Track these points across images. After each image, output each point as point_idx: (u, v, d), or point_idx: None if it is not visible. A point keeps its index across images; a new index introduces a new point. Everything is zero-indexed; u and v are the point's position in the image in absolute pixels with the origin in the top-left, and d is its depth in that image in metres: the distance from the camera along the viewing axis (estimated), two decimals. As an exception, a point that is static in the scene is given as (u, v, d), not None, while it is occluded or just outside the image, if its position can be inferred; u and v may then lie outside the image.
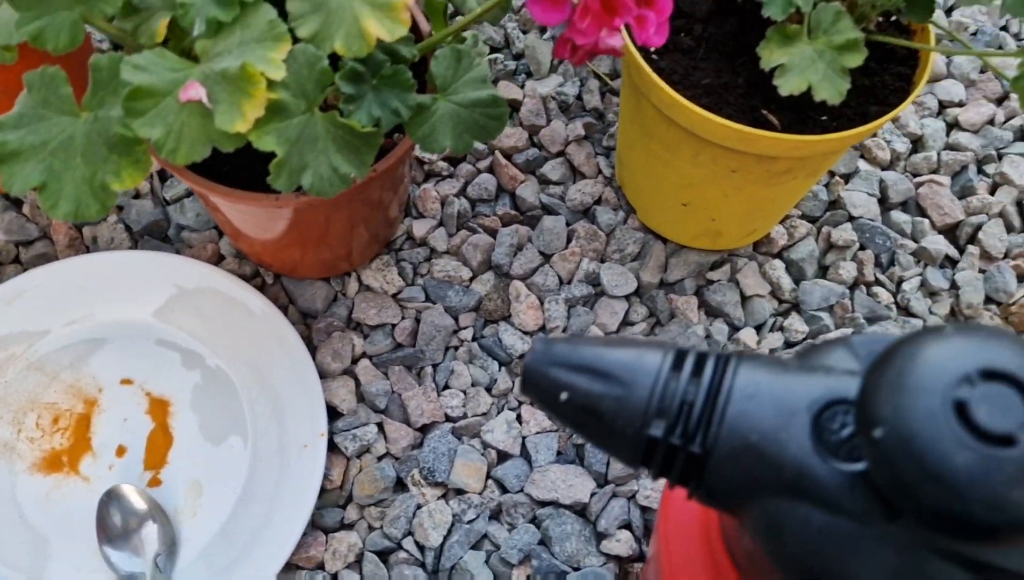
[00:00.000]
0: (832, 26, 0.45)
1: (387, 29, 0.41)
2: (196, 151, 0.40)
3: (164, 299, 0.60)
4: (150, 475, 0.56)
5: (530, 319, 0.63)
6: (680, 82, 0.51)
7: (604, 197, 0.67)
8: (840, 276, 0.65)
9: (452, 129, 0.45)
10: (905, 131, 0.71)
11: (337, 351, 0.61)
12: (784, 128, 0.50)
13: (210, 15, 0.40)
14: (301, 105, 0.41)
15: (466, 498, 0.58)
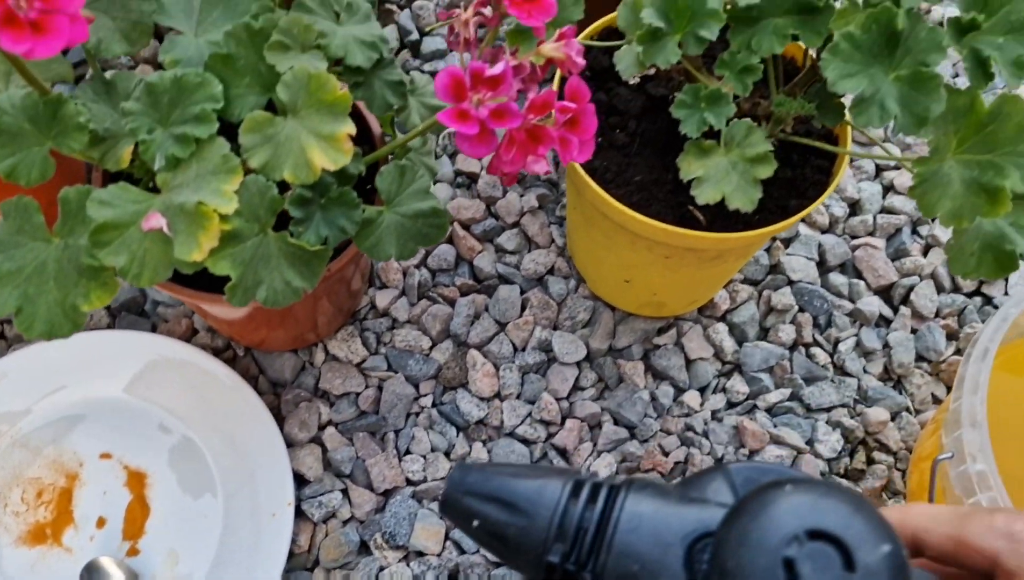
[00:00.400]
0: (744, 140, 0.49)
1: (331, 159, 0.45)
2: (159, 274, 0.44)
3: (140, 375, 0.64)
4: (129, 545, 0.60)
5: (486, 386, 0.67)
6: (613, 180, 0.55)
7: (556, 266, 0.71)
8: (780, 338, 0.69)
9: (397, 239, 0.49)
10: (843, 195, 0.75)
11: (304, 421, 0.65)
12: (709, 223, 0.54)
13: (168, 152, 0.43)
14: (254, 228, 0.45)
15: (426, 560, 0.62)
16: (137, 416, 0.63)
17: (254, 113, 0.44)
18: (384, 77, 0.49)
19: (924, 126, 0.46)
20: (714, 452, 0.65)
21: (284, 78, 0.45)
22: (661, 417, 0.66)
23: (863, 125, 0.46)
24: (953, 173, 0.47)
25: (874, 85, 0.46)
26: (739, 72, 0.49)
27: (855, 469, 0.66)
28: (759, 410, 0.67)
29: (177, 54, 0.47)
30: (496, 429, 0.66)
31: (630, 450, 0.65)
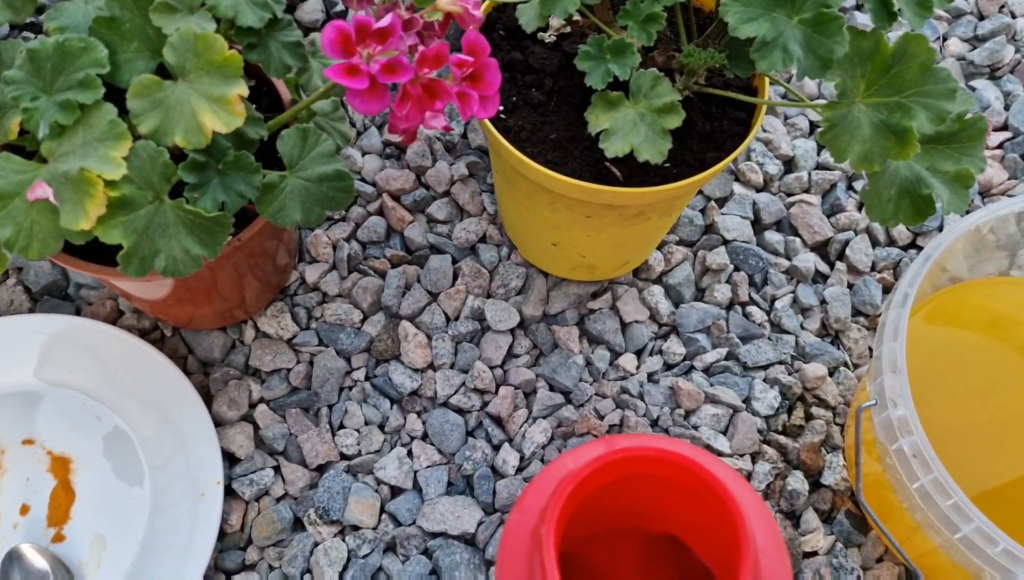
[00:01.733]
0: (651, 90, 0.48)
1: (223, 121, 0.43)
2: (48, 246, 0.43)
3: (62, 359, 0.63)
4: (54, 532, 0.59)
5: (419, 357, 0.66)
6: (528, 139, 0.54)
7: (488, 234, 0.70)
8: (716, 298, 0.69)
9: (301, 203, 0.48)
10: (777, 153, 0.75)
11: (234, 399, 0.64)
12: (626, 179, 0.53)
13: (52, 119, 0.42)
14: (148, 196, 0.44)
15: (361, 534, 0.61)
16: (60, 400, 0.62)
17: (141, 77, 0.43)
18: (280, 38, 0.48)
19: (829, 69, 0.45)
20: (649, 414, 0.65)
21: (170, 40, 0.43)
22: (596, 381, 0.66)
23: (766, 70, 0.45)
24: (862, 116, 0.47)
25: (776, 28, 0.45)
26: (642, 21, 0.48)
27: (793, 425, 0.65)
28: (696, 370, 0.67)
29: (63, 21, 0.46)
30: (430, 400, 0.65)
31: (565, 415, 0.64)
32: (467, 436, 0.64)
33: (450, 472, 0.63)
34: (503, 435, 0.64)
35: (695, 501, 0.43)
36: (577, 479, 0.37)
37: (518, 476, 0.62)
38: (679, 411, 0.65)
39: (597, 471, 0.38)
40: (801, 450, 0.64)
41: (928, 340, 0.58)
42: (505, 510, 0.62)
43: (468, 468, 0.63)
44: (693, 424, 0.64)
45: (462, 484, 0.63)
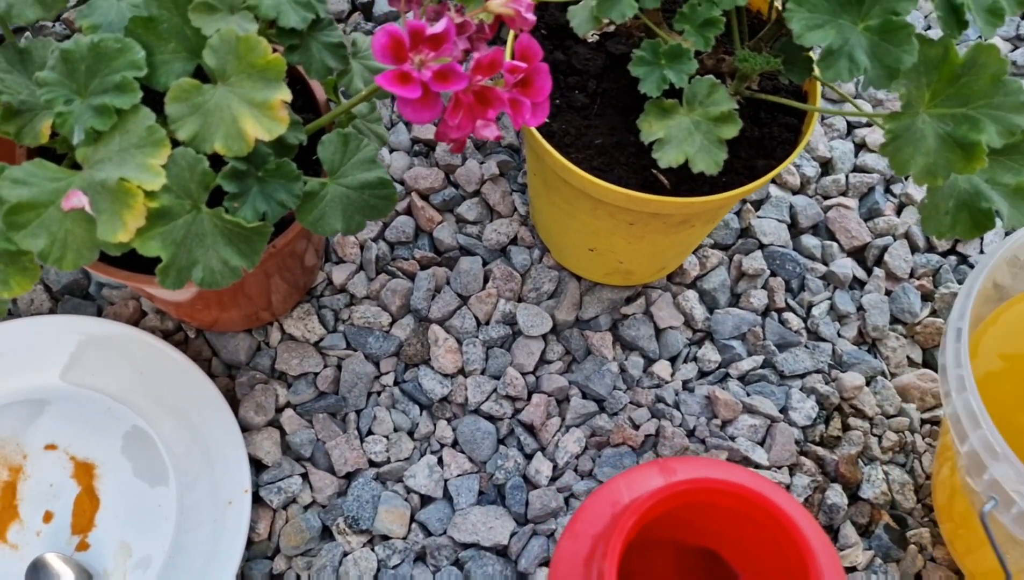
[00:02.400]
0: (708, 98, 0.46)
1: (265, 128, 0.42)
2: (83, 257, 0.41)
3: (82, 361, 0.61)
4: (78, 539, 0.58)
5: (449, 362, 0.64)
6: (572, 144, 0.53)
7: (519, 236, 0.68)
8: (752, 304, 0.67)
9: (342, 212, 0.46)
10: (815, 154, 0.73)
11: (260, 404, 0.62)
12: (674, 187, 0.52)
13: (88, 124, 0.40)
14: (186, 205, 0.42)
15: (391, 543, 0.60)
16: (83, 404, 0.61)
17: (180, 81, 0.41)
18: (322, 39, 0.46)
19: (895, 79, 0.44)
20: (685, 424, 0.63)
21: (211, 42, 0.41)
22: (631, 389, 0.64)
23: (832, 79, 0.43)
24: (926, 128, 0.45)
25: (842, 36, 0.43)
26: (700, 26, 0.46)
27: (831, 436, 0.64)
28: (731, 378, 0.65)
29: (96, 19, 0.44)
30: (461, 406, 0.64)
31: (599, 424, 0.63)
32: (499, 444, 0.63)
33: (481, 481, 0.62)
34: (536, 444, 0.63)
35: (751, 526, 0.42)
36: (639, 511, 0.36)
37: (551, 487, 0.61)
38: (715, 422, 0.63)
39: (660, 502, 0.36)
40: (840, 462, 0.63)
41: (1002, 356, 0.54)
42: (538, 521, 0.60)
43: (500, 477, 0.61)
44: (730, 435, 0.63)
45: (494, 493, 0.62)
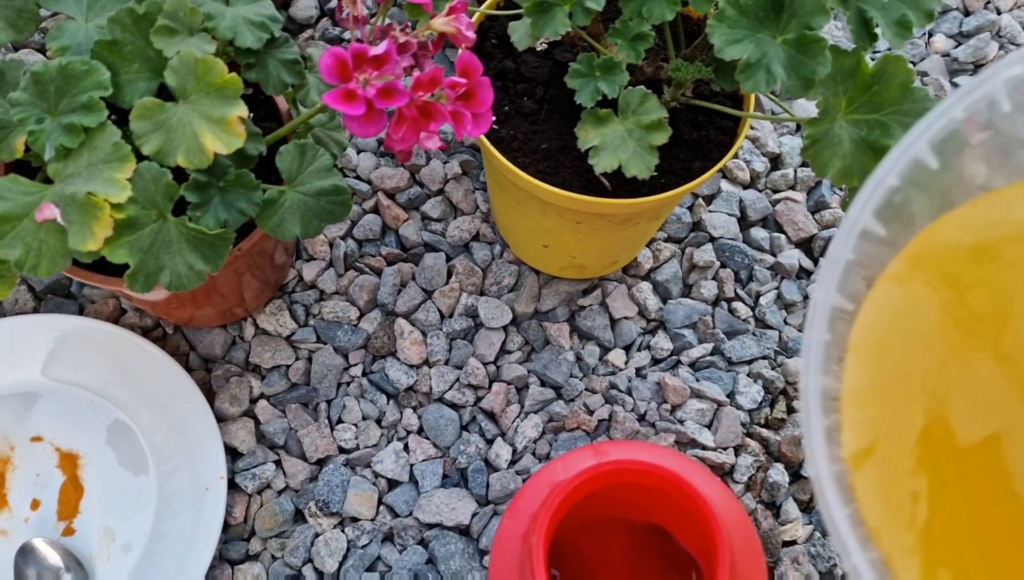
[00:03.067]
0: (640, 107, 0.50)
1: (224, 142, 0.45)
2: (57, 265, 0.44)
3: (68, 358, 0.64)
4: (64, 525, 0.61)
5: (414, 354, 0.68)
6: (520, 149, 0.56)
7: (481, 233, 0.71)
8: (702, 294, 0.71)
9: (300, 217, 0.49)
10: (764, 150, 0.76)
11: (235, 395, 0.66)
12: (616, 188, 0.55)
13: (58, 142, 0.43)
14: (152, 215, 0.45)
15: (360, 525, 0.64)
16: (66, 398, 0.64)
17: (144, 100, 0.44)
18: (278, 56, 0.49)
19: (811, 88, 0.47)
20: (637, 409, 0.67)
21: (171, 63, 0.45)
22: (586, 376, 0.68)
23: (751, 90, 0.46)
24: (843, 133, 0.48)
25: (761, 50, 0.46)
26: (631, 40, 0.49)
27: (775, 418, 0.68)
28: (683, 365, 0.69)
29: (65, 41, 0.47)
30: (426, 395, 0.67)
31: (556, 410, 0.66)
32: (461, 430, 0.66)
33: (445, 465, 0.65)
34: (496, 429, 0.66)
35: (677, 504, 0.46)
36: (566, 491, 0.39)
37: (511, 470, 0.65)
38: (666, 406, 0.67)
39: (585, 482, 0.40)
40: (782, 443, 0.66)
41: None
42: (498, 502, 0.64)
43: (462, 462, 0.65)
44: (679, 418, 0.67)
45: (457, 477, 0.65)
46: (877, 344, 0.31)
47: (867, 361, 0.30)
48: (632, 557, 0.60)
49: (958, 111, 0.30)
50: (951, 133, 0.30)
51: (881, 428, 0.30)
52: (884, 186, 0.30)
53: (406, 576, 0.62)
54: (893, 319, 0.31)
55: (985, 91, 0.30)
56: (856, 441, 0.29)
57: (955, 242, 0.32)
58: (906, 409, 0.30)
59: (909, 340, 0.31)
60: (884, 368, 0.31)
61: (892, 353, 0.31)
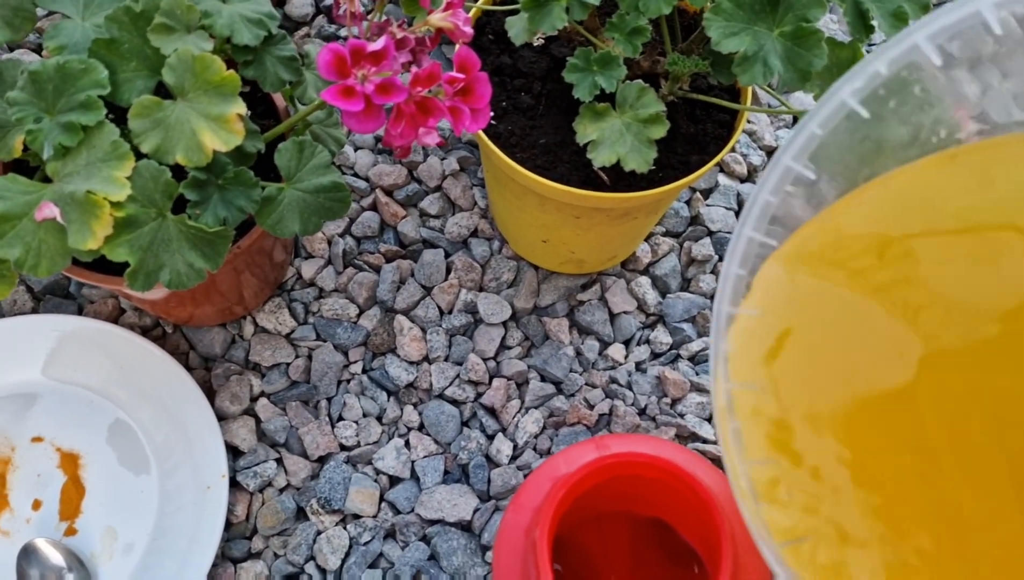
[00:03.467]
0: (637, 101, 0.50)
1: (222, 140, 0.45)
2: (56, 264, 0.44)
3: (68, 358, 0.64)
4: (66, 525, 0.61)
5: (414, 350, 0.68)
6: (518, 144, 0.56)
7: (479, 229, 0.71)
8: (701, 288, 0.71)
9: (299, 215, 0.49)
10: (761, 144, 0.76)
11: (236, 394, 0.66)
12: (614, 182, 0.55)
13: (56, 141, 0.43)
14: (151, 213, 0.45)
15: (361, 522, 0.64)
16: (66, 398, 0.64)
17: (142, 98, 0.44)
18: (275, 53, 0.49)
19: (808, 81, 0.47)
20: (637, 403, 0.67)
21: (169, 61, 0.44)
22: (586, 371, 0.68)
23: (748, 83, 0.47)
24: (840, 125, 0.48)
25: (757, 42, 0.46)
26: (628, 34, 0.49)
27: (775, 411, 0.68)
28: (682, 359, 0.69)
29: (62, 40, 0.47)
30: (426, 391, 0.67)
31: (556, 405, 0.67)
32: (462, 426, 0.66)
33: (446, 461, 0.66)
34: (497, 425, 0.66)
35: (679, 496, 0.46)
36: (568, 484, 0.40)
37: (512, 465, 0.65)
38: (666, 400, 0.67)
39: (587, 476, 0.40)
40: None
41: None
42: (500, 497, 0.64)
43: (464, 457, 0.65)
44: (679, 412, 0.67)
45: (458, 473, 0.65)
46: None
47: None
48: (634, 550, 0.60)
49: (881, 66, 0.30)
50: (873, 90, 0.30)
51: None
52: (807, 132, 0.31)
53: (408, 572, 0.62)
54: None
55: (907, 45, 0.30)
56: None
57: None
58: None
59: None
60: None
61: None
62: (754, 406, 0.32)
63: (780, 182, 0.31)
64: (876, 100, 0.31)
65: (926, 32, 0.29)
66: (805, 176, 0.31)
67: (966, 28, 0.28)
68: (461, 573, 0.62)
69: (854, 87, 0.30)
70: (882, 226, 0.32)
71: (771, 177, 0.32)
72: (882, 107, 0.31)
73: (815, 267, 0.33)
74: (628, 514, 0.60)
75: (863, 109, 0.30)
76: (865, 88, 0.30)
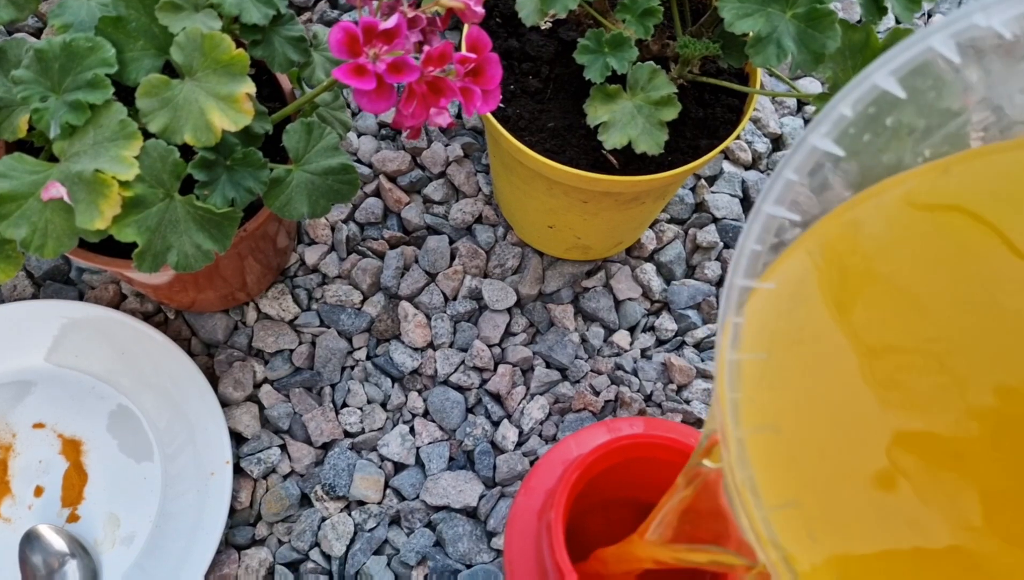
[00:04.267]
0: (649, 83, 0.49)
1: (231, 120, 0.44)
2: (63, 244, 0.44)
3: (70, 344, 0.64)
4: (68, 512, 0.61)
5: (419, 337, 0.67)
6: (527, 128, 0.56)
7: (484, 215, 0.71)
8: (706, 275, 0.71)
9: (308, 197, 0.49)
10: (766, 131, 0.76)
11: (239, 380, 0.66)
12: (623, 166, 0.55)
13: (63, 120, 0.43)
14: (159, 193, 0.45)
15: (366, 508, 0.63)
16: (68, 384, 0.63)
17: (150, 77, 0.44)
18: (284, 33, 0.49)
19: (821, 63, 0.47)
20: (643, 389, 0.67)
21: (177, 39, 0.44)
22: (591, 358, 0.68)
23: (761, 64, 0.46)
24: (852, 108, 0.48)
25: (771, 24, 0.46)
26: (640, 15, 0.49)
27: (780, 398, 0.68)
28: (687, 346, 0.69)
29: (67, 18, 0.46)
30: (431, 378, 0.67)
31: (562, 391, 0.66)
32: (467, 413, 0.66)
33: (451, 448, 0.65)
34: (502, 411, 0.66)
35: (691, 480, 0.46)
36: (583, 465, 0.39)
37: (517, 451, 0.65)
38: (671, 386, 0.67)
39: (602, 456, 0.40)
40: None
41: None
42: (505, 484, 0.64)
43: (469, 444, 0.65)
44: (685, 399, 0.67)
45: (463, 459, 0.65)
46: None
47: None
48: (639, 537, 0.60)
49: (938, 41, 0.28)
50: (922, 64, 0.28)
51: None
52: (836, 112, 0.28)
53: (414, 559, 0.62)
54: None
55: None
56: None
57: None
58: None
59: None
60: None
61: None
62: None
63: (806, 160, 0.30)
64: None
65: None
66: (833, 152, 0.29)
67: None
68: (467, 559, 0.62)
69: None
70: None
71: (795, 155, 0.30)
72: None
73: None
74: (636, 501, 0.60)
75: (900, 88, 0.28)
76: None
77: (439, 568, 0.61)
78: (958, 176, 0.29)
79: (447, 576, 0.61)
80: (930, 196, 0.29)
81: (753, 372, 0.29)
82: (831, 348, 0.28)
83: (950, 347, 0.26)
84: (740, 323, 0.28)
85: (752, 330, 0.29)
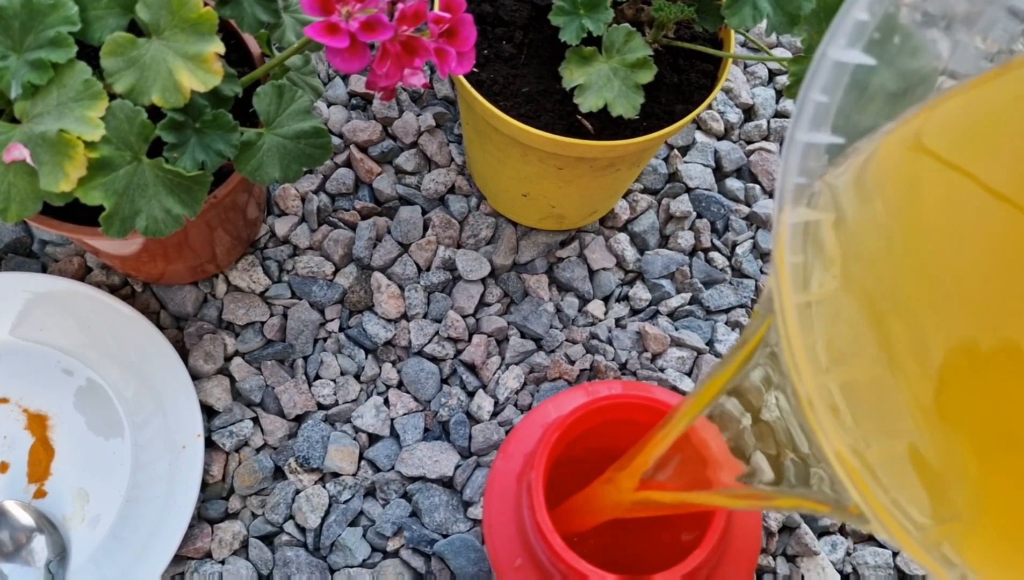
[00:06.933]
0: (624, 45, 0.49)
1: (200, 80, 0.43)
2: (27, 208, 0.43)
3: (34, 317, 0.62)
4: (35, 487, 0.59)
5: (392, 308, 0.67)
6: (501, 93, 0.55)
7: (457, 185, 0.70)
8: (680, 245, 0.71)
9: (280, 161, 0.48)
10: (738, 101, 0.76)
11: (209, 353, 0.65)
12: (598, 132, 0.55)
13: (25, 79, 0.41)
14: (126, 156, 0.44)
15: (341, 480, 0.63)
16: (33, 359, 0.62)
17: (115, 35, 0.43)
18: (253, -7, 0.47)
19: (796, 24, 0.47)
20: (618, 358, 0.67)
21: (143, -4, 0.43)
22: (566, 327, 0.68)
23: (737, 26, 0.46)
24: (826, 71, 0.48)
25: (747, -15, 0.46)
26: (616, -24, 0.48)
27: (753, 366, 0.68)
28: (661, 315, 0.69)
29: (27, -26, 0.45)
30: (404, 349, 0.66)
31: (537, 361, 0.66)
32: (442, 384, 0.66)
33: (426, 419, 0.65)
34: (477, 382, 0.66)
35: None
36: (563, 426, 0.39)
37: (493, 421, 0.65)
38: (646, 355, 0.67)
39: (582, 418, 0.40)
40: (761, 389, 0.67)
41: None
42: (481, 454, 0.64)
43: (444, 414, 0.65)
44: (659, 367, 0.67)
45: (438, 430, 0.65)
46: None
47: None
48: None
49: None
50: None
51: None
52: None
53: (390, 529, 0.61)
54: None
55: None
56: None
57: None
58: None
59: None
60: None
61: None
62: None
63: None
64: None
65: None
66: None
67: None
68: (443, 529, 0.62)
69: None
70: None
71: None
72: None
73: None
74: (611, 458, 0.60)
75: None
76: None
77: (415, 538, 0.61)
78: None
79: (424, 546, 0.61)
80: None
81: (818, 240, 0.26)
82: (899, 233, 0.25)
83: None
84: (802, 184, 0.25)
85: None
